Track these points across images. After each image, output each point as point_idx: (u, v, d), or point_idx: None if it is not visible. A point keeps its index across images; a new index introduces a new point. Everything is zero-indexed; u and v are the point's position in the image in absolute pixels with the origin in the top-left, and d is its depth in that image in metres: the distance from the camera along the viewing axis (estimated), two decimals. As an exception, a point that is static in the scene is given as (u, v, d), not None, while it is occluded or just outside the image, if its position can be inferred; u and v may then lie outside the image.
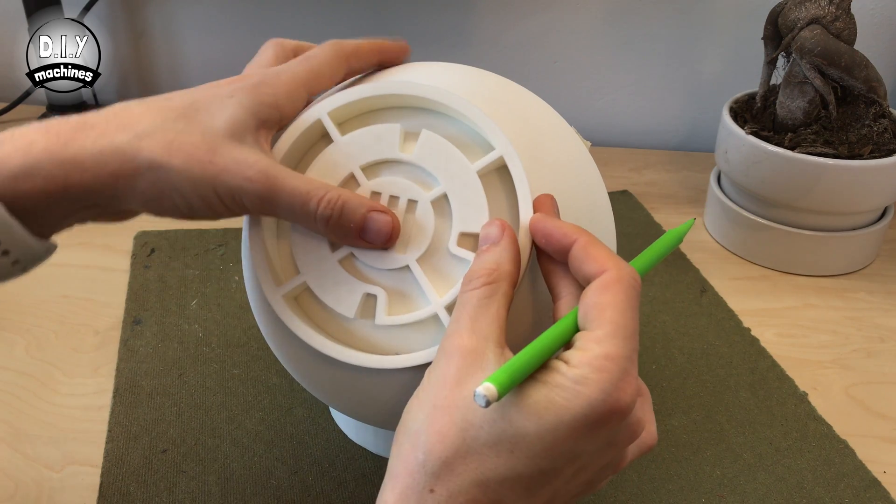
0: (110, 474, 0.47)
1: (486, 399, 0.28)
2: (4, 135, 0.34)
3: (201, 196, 0.34)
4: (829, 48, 0.64)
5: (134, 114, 0.35)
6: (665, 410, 0.54)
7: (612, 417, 0.30)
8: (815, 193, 0.66)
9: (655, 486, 0.48)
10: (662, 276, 0.67)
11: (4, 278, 0.36)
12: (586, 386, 0.30)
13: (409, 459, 0.31)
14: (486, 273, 0.33)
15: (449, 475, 0.30)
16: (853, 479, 0.49)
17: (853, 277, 0.70)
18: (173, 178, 0.34)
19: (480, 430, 0.30)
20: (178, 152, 0.34)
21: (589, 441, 0.31)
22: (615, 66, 0.91)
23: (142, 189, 0.34)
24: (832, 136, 0.67)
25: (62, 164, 0.33)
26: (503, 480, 0.30)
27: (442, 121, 0.39)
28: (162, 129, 0.34)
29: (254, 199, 0.34)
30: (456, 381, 0.31)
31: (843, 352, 0.61)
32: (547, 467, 0.30)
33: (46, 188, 0.33)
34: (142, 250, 0.67)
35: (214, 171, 0.34)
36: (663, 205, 0.79)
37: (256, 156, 0.35)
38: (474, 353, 0.31)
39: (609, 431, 0.31)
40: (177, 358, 0.56)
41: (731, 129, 0.69)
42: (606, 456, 0.33)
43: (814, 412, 0.54)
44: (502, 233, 0.35)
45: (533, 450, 0.30)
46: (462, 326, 0.32)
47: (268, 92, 0.37)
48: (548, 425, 0.30)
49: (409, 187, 0.37)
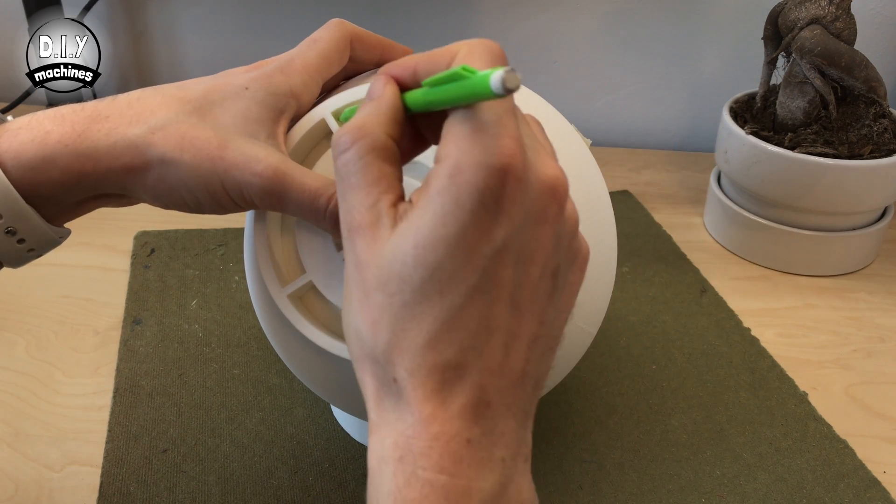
0: (110, 474, 0.47)
1: None
2: (21, 122, 0.35)
3: (210, 191, 0.34)
4: (829, 48, 0.64)
5: (148, 105, 0.35)
6: (665, 410, 0.54)
7: (504, 180, 0.25)
8: (815, 193, 0.66)
9: (655, 485, 0.48)
10: (662, 276, 0.67)
11: (19, 264, 0.37)
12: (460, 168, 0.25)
13: (365, 362, 0.28)
14: (347, 132, 0.28)
15: (399, 354, 0.26)
16: (853, 479, 0.49)
17: (853, 277, 0.70)
18: (183, 173, 0.34)
19: (401, 286, 0.26)
20: (190, 147, 0.34)
21: (500, 223, 0.26)
22: (615, 66, 0.91)
23: (152, 183, 0.34)
24: (832, 136, 0.67)
25: (77, 156, 0.33)
26: (451, 328, 0.26)
27: None
28: (175, 122, 0.34)
29: (262, 194, 0.34)
30: (363, 263, 0.27)
31: (843, 352, 0.61)
32: (483, 283, 0.26)
33: (62, 179, 0.34)
34: (142, 250, 0.67)
35: (224, 167, 0.34)
36: (663, 205, 0.79)
37: (266, 151, 0.34)
38: (370, 226, 0.27)
39: (511, 201, 0.26)
40: (177, 358, 0.56)
41: (731, 129, 0.69)
42: (541, 236, 0.27)
43: (814, 412, 0.54)
44: (382, 89, 0.30)
45: (456, 272, 0.25)
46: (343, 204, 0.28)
47: (283, 81, 0.36)
48: (449, 230, 0.25)
49: (413, 184, 0.37)
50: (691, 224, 0.76)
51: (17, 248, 0.35)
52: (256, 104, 0.35)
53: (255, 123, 0.35)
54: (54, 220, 0.36)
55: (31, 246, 0.36)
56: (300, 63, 0.37)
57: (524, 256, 0.27)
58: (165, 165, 0.34)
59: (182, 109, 0.35)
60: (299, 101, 0.37)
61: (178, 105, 0.35)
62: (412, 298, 0.26)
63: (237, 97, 0.36)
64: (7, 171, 0.33)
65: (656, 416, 0.53)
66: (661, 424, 0.53)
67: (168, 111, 0.34)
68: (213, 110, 0.35)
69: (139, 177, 0.34)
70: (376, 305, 0.27)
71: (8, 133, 0.34)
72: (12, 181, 0.33)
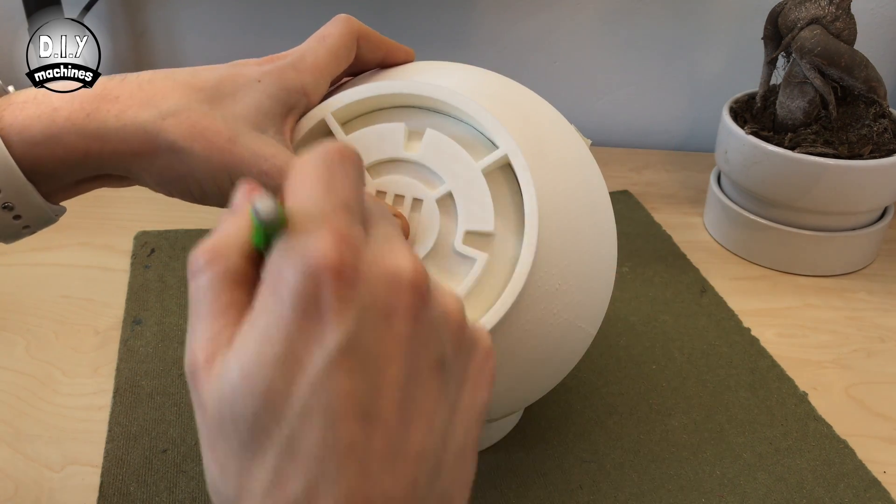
0: (110, 474, 0.47)
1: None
2: (27, 95, 0.34)
3: (217, 183, 0.34)
4: (829, 48, 0.64)
5: (159, 89, 0.34)
6: (665, 410, 0.54)
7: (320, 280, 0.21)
8: (815, 193, 0.66)
9: (655, 485, 0.48)
10: (662, 276, 0.67)
11: (12, 240, 0.36)
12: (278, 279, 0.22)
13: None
14: (202, 254, 0.24)
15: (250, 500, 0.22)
16: (853, 479, 0.49)
17: (853, 277, 0.70)
18: (191, 163, 0.33)
19: (237, 424, 0.22)
20: (200, 138, 0.33)
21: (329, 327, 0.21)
22: (615, 66, 0.91)
23: (158, 169, 0.34)
24: (832, 136, 0.67)
25: (84, 136, 0.33)
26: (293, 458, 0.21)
27: (446, 120, 0.39)
28: (186, 109, 0.34)
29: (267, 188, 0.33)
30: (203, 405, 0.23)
31: (843, 352, 0.61)
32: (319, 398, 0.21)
33: (66, 157, 0.33)
34: (142, 250, 0.67)
35: (233, 161, 0.33)
36: (663, 205, 0.79)
37: (274, 148, 0.34)
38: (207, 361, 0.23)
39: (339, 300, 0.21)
40: (177, 358, 0.56)
41: (731, 129, 0.69)
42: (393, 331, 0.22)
43: (814, 412, 0.54)
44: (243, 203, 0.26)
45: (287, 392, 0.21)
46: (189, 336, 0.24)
47: (295, 77, 0.36)
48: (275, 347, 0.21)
49: (415, 186, 0.37)
50: (691, 224, 0.76)
51: (12, 224, 0.35)
52: (268, 98, 0.35)
53: (266, 118, 0.35)
54: (51, 198, 0.35)
55: (27, 223, 0.35)
56: (311, 60, 0.37)
57: (374, 358, 0.22)
58: (175, 153, 0.33)
59: (195, 97, 0.34)
60: (309, 98, 0.37)
61: (190, 92, 0.34)
62: (249, 435, 0.22)
63: (249, 89, 0.35)
64: (10, 145, 0.33)
65: (656, 416, 0.53)
66: (661, 424, 0.52)
67: (180, 97, 0.34)
68: (224, 101, 0.34)
69: (146, 162, 0.34)
70: (220, 451, 0.23)
71: (13, 106, 0.34)
72: (15, 156, 0.33)
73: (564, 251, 0.38)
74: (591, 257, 0.40)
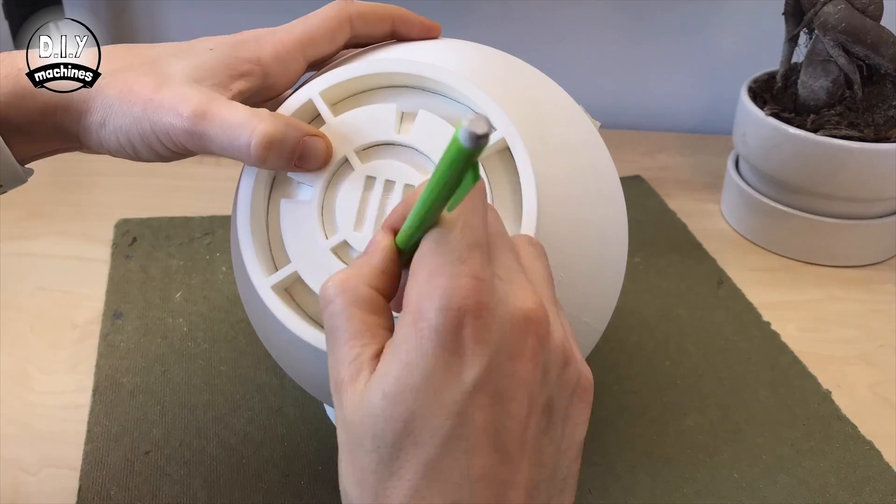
0: (89, 477, 0.46)
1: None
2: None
3: (141, 134, 0.35)
4: (854, 24, 0.63)
5: (113, 56, 0.37)
6: (680, 410, 0.53)
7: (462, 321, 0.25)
8: (839, 179, 0.65)
9: (669, 489, 0.48)
10: (677, 267, 0.67)
11: None
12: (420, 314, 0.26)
13: None
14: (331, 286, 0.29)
15: None
16: (879, 482, 0.48)
17: (879, 268, 0.69)
18: (117, 118, 0.36)
19: (377, 442, 0.26)
20: (128, 91, 0.35)
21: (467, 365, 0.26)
22: (626, 44, 0.90)
23: (95, 127, 0.36)
24: (857, 118, 0.66)
25: (42, 93, 0.36)
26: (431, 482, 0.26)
27: (441, 101, 0.38)
28: (124, 70, 0.36)
29: (185, 136, 0.35)
30: (346, 421, 0.27)
31: (868, 347, 0.60)
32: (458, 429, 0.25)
33: (31, 117, 0.36)
34: (123, 239, 0.67)
35: (153, 108, 0.35)
36: (678, 191, 0.78)
37: (199, 93, 0.35)
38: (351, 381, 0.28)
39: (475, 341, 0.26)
40: (160, 354, 0.55)
41: (749, 111, 0.69)
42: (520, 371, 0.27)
43: (837, 411, 0.54)
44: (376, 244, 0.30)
45: (427, 420, 0.25)
46: (330, 359, 0.29)
47: (253, 48, 0.38)
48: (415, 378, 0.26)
49: (406, 171, 0.37)
50: (708, 211, 0.76)
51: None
52: (213, 60, 0.37)
53: (206, 72, 0.36)
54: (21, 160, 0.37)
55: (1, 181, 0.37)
56: (279, 36, 0.38)
57: (502, 396, 0.26)
58: (106, 109, 0.36)
59: (137, 61, 0.36)
60: (265, 70, 0.38)
61: (137, 58, 0.37)
62: (388, 455, 0.26)
63: (199, 53, 0.37)
64: None
65: (670, 416, 0.53)
66: (675, 424, 0.52)
67: (124, 61, 0.37)
68: (167, 61, 0.36)
69: (85, 120, 0.36)
70: (359, 465, 0.27)
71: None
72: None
73: (568, 241, 0.38)
74: (598, 247, 0.40)
